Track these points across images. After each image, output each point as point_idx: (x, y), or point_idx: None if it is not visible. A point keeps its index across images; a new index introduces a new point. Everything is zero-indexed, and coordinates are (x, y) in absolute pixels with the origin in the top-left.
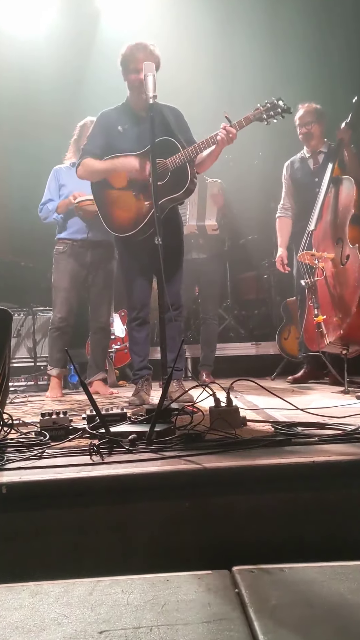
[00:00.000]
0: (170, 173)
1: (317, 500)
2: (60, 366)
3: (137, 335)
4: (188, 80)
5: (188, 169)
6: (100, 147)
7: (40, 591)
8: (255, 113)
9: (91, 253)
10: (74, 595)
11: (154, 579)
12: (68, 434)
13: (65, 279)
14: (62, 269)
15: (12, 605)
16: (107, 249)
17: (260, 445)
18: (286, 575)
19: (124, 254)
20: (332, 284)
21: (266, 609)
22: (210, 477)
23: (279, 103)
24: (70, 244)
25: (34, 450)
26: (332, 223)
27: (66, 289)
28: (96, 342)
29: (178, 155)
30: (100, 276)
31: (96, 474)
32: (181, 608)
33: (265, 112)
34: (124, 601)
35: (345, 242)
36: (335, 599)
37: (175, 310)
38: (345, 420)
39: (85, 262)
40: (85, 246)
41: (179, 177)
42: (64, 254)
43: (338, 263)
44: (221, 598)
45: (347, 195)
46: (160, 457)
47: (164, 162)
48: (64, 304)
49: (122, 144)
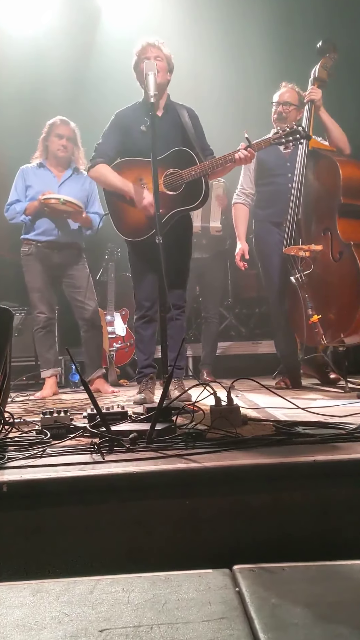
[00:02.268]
0: (185, 185)
1: (319, 499)
2: (51, 366)
3: (143, 333)
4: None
5: (203, 183)
6: (114, 148)
7: (41, 589)
8: (275, 137)
9: (58, 254)
10: (74, 594)
11: (155, 578)
12: (69, 432)
13: (37, 280)
14: (32, 270)
15: (13, 604)
16: (75, 250)
17: (261, 444)
18: (287, 574)
19: (133, 253)
20: (324, 280)
21: (267, 607)
22: (211, 476)
23: (299, 129)
24: (35, 244)
25: (35, 449)
26: (317, 209)
27: (40, 289)
28: (88, 340)
29: (194, 168)
30: (74, 277)
31: (97, 473)
32: (182, 607)
33: (285, 137)
34: (124, 600)
35: (335, 235)
36: (335, 598)
37: (177, 310)
38: (346, 419)
39: (53, 264)
40: (51, 247)
41: (193, 189)
42: (30, 255)
43: (328, 257)
44: (222, 597)
45: (328, 176)
46: (161, 456)
47: (179, 173)
48: (41, 301)
49: (139, 144)
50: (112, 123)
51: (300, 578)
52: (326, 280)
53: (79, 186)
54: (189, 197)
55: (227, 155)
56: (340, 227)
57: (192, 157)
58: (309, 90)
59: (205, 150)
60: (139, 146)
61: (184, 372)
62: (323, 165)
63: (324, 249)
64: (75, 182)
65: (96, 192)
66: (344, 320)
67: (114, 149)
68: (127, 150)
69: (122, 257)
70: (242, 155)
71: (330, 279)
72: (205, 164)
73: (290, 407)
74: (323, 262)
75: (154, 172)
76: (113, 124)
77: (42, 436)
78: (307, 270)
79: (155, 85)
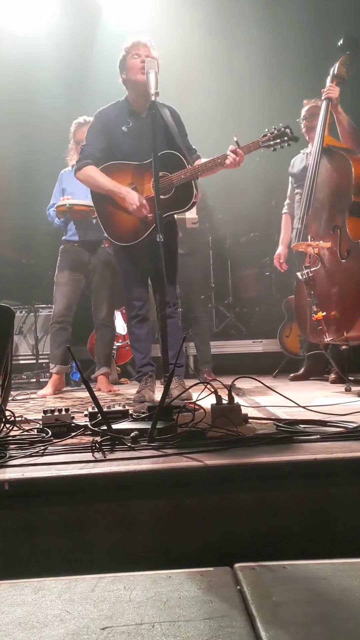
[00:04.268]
0: (175, 188)
1: (319, 497)
2: (58, 362)
3: (137, 332)
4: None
5: (193, 186)
6: (100, 149)
7: (42, 587)
8: (263, 139)
9: (89, 253)
10: (76, 592)
11: (156, 576)
12: (70, 431)
13: (63, 275)
14: (62, 265)
15: (15, 602)
16: (107, 247)
17: (261, 442)
18: (288, 572)
19: (121, 253)
20: (330, 278)
21: (268, 605)
22: (211, 474)
23: (287, 131)
24: (70, 245)
25: (36, 447)
26: (327, 206)
27: (64, 284)
28: (98, 339)
29: (184, 172)
30: (99, 275)
31: (98, 471)
32: (183, 605)
33: (273, 139)
34: (126, 598)
35: (343, 233)
36: (336, 596)
37: (172, 307)
38: (347, 417)
39: (83, 262)
40: (83, 246)
41: (183, 193)
42: (65, 253)
43: (336, 255)
44: (223, 595)
45: (341, 173)
46: (162, 454)
47: (169, 177)
48: (62, 298)
49: (124, 146)
50: (95, 123)
51: (302, 576)
52: (332, 278)
53: None
54: (179, 200)
55: (216, 159)
56: (350, 225)
57: (181, 161)
58: (327, 87)
59: (189, 149)
60: (123, 148)
61: (184, 371)
62: (336, 163)
63: (333, 246)
64: None
65: None
66: (349, 318)
67: (100, 150)
68: (111, 152)
69: None
70: (231, 160)
71: (336, 277)
72: (195, 167)
73: (291, 405)
74: (331, 259)
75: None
76: (96, 124)
77: (44, 434)
78: (315, 266)
79: (156, 84)
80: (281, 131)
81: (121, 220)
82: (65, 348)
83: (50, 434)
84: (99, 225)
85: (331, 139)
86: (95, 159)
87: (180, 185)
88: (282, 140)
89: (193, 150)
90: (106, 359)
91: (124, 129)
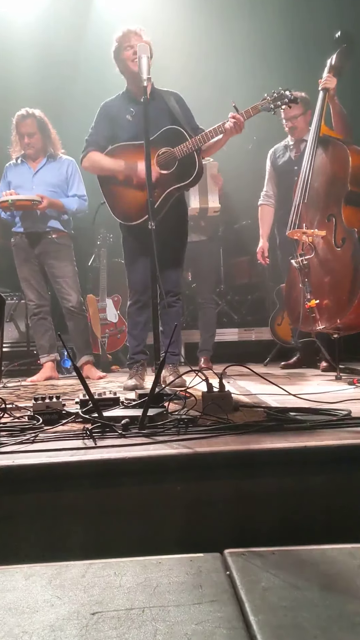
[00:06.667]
0: (178, 162)
1: (308, 484)
2: (46, 352)
3: (136, 319)
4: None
5: (196, 158)
6: (106, 137)
7: (33, 573)
8: (263, 103)
9: (37, 244)
10: (66, 578)
11: (146, 562)
12: (61, 418)
13: (23, 269)
14: (18, 260)
15: (5, 587)
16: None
17: (252, 430)
18: (277, 558)
19: (127, 239)
20: (325, 266)
21: (257, 590)
22: (202, 461)
23: (286, 93)
24: (19, 237)
25: (27, 434)
26: (323, 195)
27: (26, 278)
28: (72, 328)
29: (186, 144)
30: (54, 266)
31: (89, 458)
32: (173, 590)
33: (273, 102)
34: (116, 583)
35: (339, 222)
36: (324, 581)
37: (173, 297)
38: (337, 405)
39: (34, 254)
40: (30, 238)
41: (186, 165)
42: (16, 246)
43: (331, 243)
44: (212, 580)
45: (338, 163)
46: (153, 442)
47: (171, 150)
48: (29, 290)
49: (129, 132)
50: (100, 114)
51: (290, 562)
52: (327, 266)
53: (55, 171)
54: (182, 173)
55: (216, 128)
56: (345, 214)
57: (182, 134)
58: (325, 77)
59: (196, 129)
60: (128, 134)
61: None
62: (333, 152)
63: (327, 234)
64: (50, 168)
65: (77, 175)
66: (341, 306)
67: (105, 138)
68: (116, 139)
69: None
70: (232, 124)
71: (331, 265)
72: (196, 138)
73: (282, 393)
74: (325, 247)
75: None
76: (101, 115)
77: (34, 422)
78: (309, 255)
79: (148, 68)
80: (280, 94)
81: (126, 200)
82: (49, 337)
83: (41, 421)
84: (44, 216)
85: (327, 129)
86: (98, 146)
87: (183, 159)
88: (282, 102)
89: (201, 129)
90: (85, 347)
91: (128, 118)
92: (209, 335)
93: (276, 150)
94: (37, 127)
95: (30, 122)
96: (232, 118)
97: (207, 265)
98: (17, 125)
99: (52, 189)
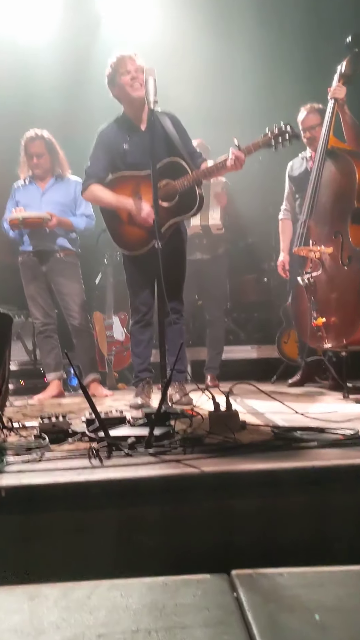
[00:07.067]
0: (179, 194)
1: (316, 504)
2: (51, 370)
3: (139, 337)
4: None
5: (197, 191)
6: (104, 168)
7: (39, 594)
8: (264, 139)
9: (45, 262)
10: (72, 599)
11: (153, 583)
12: (67, 437)
13: (30, 287)
14: (25, 278)
15: (10, 608)
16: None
17: (259, 449)
18: (285, 579)
19: (128, 263)
20: (332, 283)
21: (264, 613)
22: (209, 481)
23: (287, 129)
24: (26, 255)
25: (33, 453)
26: (330, 210)
27: (32, 296)
28: (78, 345)
29: (187, 178)
30: (60, 283)
31: (95, 478)
32: (179, 612)
33: (274, 139)
34: (122, 605)
35: (345, 239)
36: (333, 603)
37: (175, 314)
38: (345, 424)
39: (41, 271)
40: (38, 256)
41: (187, 198)
42: (23, 264)
43: (338, 260)
44: (219, 602)
45: (345, 177)
46: (159, 461)
47: (172, 184)
48: (35, 308)
49: (127, 160)
50: (97, 143)
51: (298, 583)
52: (333, 284)
53: (63, 192)
54: (183, 206)
55: (218, 163)
56: (352, 231)
57: (183, 167)
58: (334, 86)
59: (193, 154)
60: (127, 163)
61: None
62: (340, 166)
63: (334, 251)
64: (58, 188)
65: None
66: (348, 325)
67: (104, 168)
68: (116, 166)
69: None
70: (233, 162)
71: (337, 283)
72: (197, 172)
73: (289, 412)
74: (332, 265)
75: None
76: (98, 145)
77: (41, 440)
78: (316, 272)
79: (155, 90)
80: (282, 130)
81: (127, 230)
82: (55, 355)
83: (48, 440)
84: (53, 234)
85: (336, 141)
86: (98, 178)
87: (183, 192)
88: (284, 139)
89: (198, 154)
90: (92, 364)
91: (125, 146)
92: (216, 352)
93: (294, 163)
94: (45, 148)
95: (39, 143)
96: (232, 155)
97: (213, 283)
98: (25, 146)
99: (61, 208)
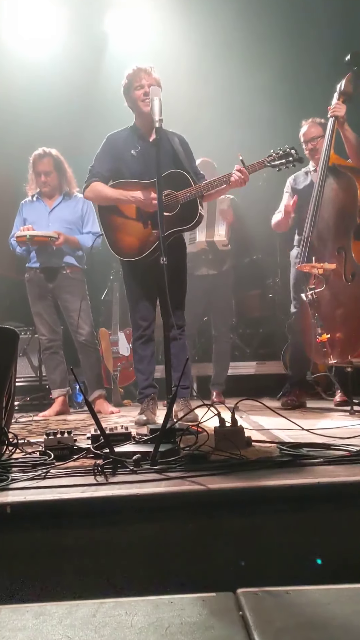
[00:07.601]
0: (181, 206)
1: (322, 521)
2: (57, 387)
3: (142, 353)
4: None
5: (198, 204)
6: (109, 170)
7: (43, 612)
8: (268, 159)
9: (51, 279)
10: (77, 617)
11: (158, 601)
12: (72, 453)
13: (36, 304)
14: (32, 295)
15: (15, 627)
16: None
17: (265, 466)
18: (291, 597)
19: (129, 275)
20: (336, 299)
21: (270, 631)
22: (214, 498)
23: (292, 152)
24: (33, 272)
25: (39, 470)
26: (333, 226)
27: (39, 313)
28: (83, 361)
29: (190, 190)
30: (67, 300)
31: (100, 495)
32: (185, 630)
33: (278, 160)
34: (127, 623)
35: (349, 256)
36: (340, 621)
37: (178, 329)
38: (351, 441)
39: (47, 288)
40: (45, 273)
41: (188, 210)
42: (30, 281)
43: (341, 276)
44: (225, 621)
45: (347, 194)
46: (165, 478)
47: (174, 194)
48: (42, 325)
49: (132, 168)
50: (104, 146)
51: (304, 602)
52: (337, 300)
53: (70, 209)
54: (184, 217)
55: (221, 178)
56: (355, 248)
57: (186, 179)
58: (334, 105)
59: (197, 174)
60: (132, 170)
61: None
62: (342, 183)
63: (338, 268)
64: (66, 206)
65: (92, 212)
66: (353, 341)
67: (108, 170)
68: (120, 173)
69: None
70: (237, 178)
71: (341, 299)
72: (200, 185)
73: (295, 428)
74: (335, 281)
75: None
76: (105, 147)
77: (46, 457)
78: (319, 288)
79: (160, 110)
80: (286, 152)
81: (126, 235)
82: (61, 371)
83: (53, 457)
84: (60, 251)
85: (337, 158)
86: (102, 177)
87: (185, 203)
88: (287, 161)
89: (201, 175)
90: (97, 381)
91: (133, 153)
92: (221, 368)
93: (297, 177)
94: (53, 166)
95: (47, 161)
96: (237, 171)
97: (219, 298)
98: (34, 164)
99: (68, 225)
